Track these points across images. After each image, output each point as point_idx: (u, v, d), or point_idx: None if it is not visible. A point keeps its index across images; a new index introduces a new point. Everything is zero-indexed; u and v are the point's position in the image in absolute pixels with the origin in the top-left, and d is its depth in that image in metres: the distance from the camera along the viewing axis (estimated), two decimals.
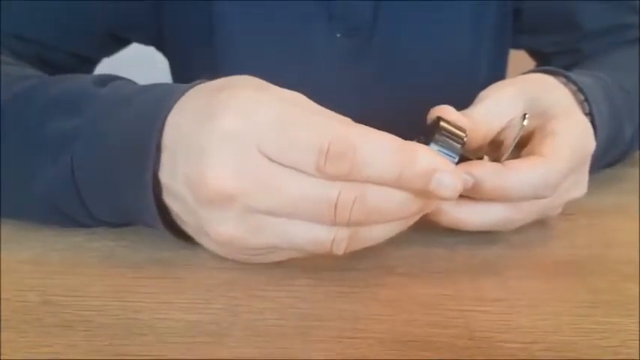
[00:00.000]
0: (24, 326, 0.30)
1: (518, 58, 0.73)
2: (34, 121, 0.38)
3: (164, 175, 0.33)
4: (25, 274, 0.35)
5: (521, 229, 0.40)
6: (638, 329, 0.30)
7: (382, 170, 0.30)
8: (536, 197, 0.37)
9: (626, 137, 0.50)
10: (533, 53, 0.72)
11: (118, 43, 0.64)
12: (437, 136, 0.35)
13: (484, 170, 0.35)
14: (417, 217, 0.34)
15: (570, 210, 0.42)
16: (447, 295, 0.33)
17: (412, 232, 0.40)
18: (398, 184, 0.30)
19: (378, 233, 0.32)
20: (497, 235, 0.39)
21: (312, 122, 0.30)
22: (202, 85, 0.34)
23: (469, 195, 0.36)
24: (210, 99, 0.31)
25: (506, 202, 0.37)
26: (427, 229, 0.40)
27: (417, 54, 0.62)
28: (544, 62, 0.70)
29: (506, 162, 0.36)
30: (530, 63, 0.72)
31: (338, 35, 0.60)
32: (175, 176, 0.32)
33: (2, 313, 0.31)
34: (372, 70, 0.61)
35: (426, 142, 0.35)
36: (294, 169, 0.30)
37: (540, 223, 0.41)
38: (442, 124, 0.36)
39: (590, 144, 0.40)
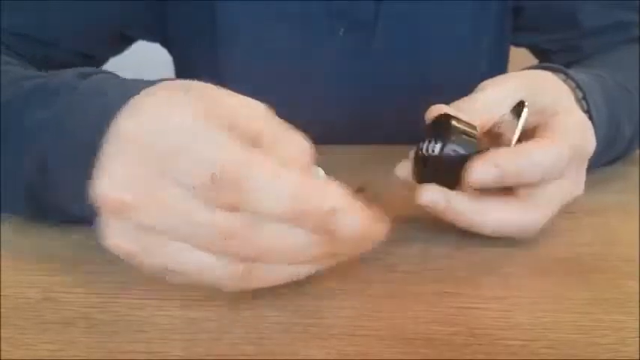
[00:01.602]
0: (24, 323, 0.30)
1: (519, 55, 0.73)
2: (17, 115, 0.38)
3: None
4: (25, 271, 0.35)
5: None
6: (638, 327, 0.30)
7: (274, 205, 0.27)
8: (547, 176, 0.36)
9: (625, 135, 0.50)
10: (534, 51, 0.72)
11: (122, 41, 0.64)
12: (453, 137, 0.36)
13: (508, 157, 0.35)
14: (336, 261, 0.31)
15: (571, 208, 0.42)
16: (448, 293, 0.33)
17: (413, 229, 0.40)
18: (294, 222, 0.27)
19: (280, 273, 0.29)
20: None
21: (211, 141, 0.27)
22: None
23: (497, 184, 0.36)
24: (131, 100, 0.29)
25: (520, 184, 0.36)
26: (428, 226, 0.40)
27: (418, 50, 0.62)
28: (544, 60, 0.70)
29: (517, 146, 0.37)
30: (531, 60, 0.72)
31: (341, 31, 0.60)
32: None
33: (2, 310, 0.31)
34: (374, 66, 0.62)
35: (437, 143, 0.36)
36: (187, 188, 0.27)
37: None
38: (454, 123, 0.36)
39: (590, 144, 0.40)
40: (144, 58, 0.84)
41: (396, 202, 0.37)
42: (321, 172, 0.39)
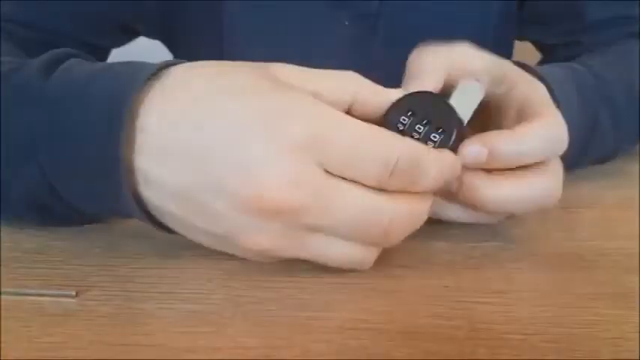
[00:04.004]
0: (25, 315, 0.30)
1: (520, 52, 0.73)
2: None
3: (166, 182, 0.31)
4: (27, 264, 0.35)
5: (523, 222, 0.40)
6: (638, 322, 0.30)
7: (435, 183, 0.31)
8: (551, 153, 0.36)
9: (605, 127, 0.50)
10: (537, 45, 0.72)
11: (124, 33, 0.64)
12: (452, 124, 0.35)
13: (497, 138, 0.35)
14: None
15: (572, 203, 0.42)
16: (449, 287, 0.33)
17: None
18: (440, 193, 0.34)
19: None
20: (498, 228, 0.39)
21: (376, 136, 0.30)
22: (201, 74, 0.32)
23: (487, 166, 0.35)
24: (255, 104, 0.30)
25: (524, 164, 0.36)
26: (429, 221, 0.40)
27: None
28: (547, 54, 0.70)
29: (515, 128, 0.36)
30: (534, 55, 0.72)
31: (345, 23, 0.60)
32: (200, 185, 0.30)
33: (3, 303, 0.31)
34: (379, 58, 0.62)
35: (430, 127, 0.34)
36: (354, 182, 0.30)
37: (542, 216, 0.41)
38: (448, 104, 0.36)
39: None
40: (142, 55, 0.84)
41: None
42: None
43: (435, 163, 0.31)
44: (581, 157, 0.47)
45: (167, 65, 0.33)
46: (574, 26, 0.65)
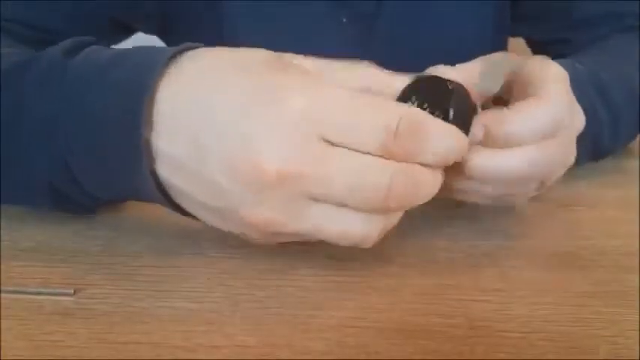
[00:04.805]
0: (24, 314, 0.30)
1: (514, 50, 0.73)
2: (15, 102, 0.36)
3: (173, 156, 0.31)
4: (26, 262, 0.35)
5: (522, 221, 0.40)
6: (637, 320, 0.30)
7: (444, 147, 0.30)
8: (547, 134, 0.35)
9: (602, 121, 0.49)
10: (531, 42, 0.72)
11: (122, 30, 0.64)
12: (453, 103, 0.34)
13: (491, 117, 0.35)
14: None
15: (572, 202, 0.42)
16: (447, 285, 0.33)
17: (413, 222, 0.40)
18: (447, 162, 0.31)
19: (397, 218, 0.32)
20: (497, 226, 0.39)
21: (375, 103, 0.30)
22: (210, 61, 0.33)
23: (483, 145, 0.34)
24: (255, 81, 0.31)
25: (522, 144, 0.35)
26: (427, 220, 0.40)
27: (421, 40, 0.62)
28: (541, 52, 0.70)
29: (511, 106, 0.35)
30: (526, 54, 0.72)
31: (343, 20, 0.60)
32: (202, 158, 0.30)
33: (3, 302, 0.31)
34: (378, 56, 0.61)
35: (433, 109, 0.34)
36: (355, 150, 0.29)
37: (541, 215, 0.41)
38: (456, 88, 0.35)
39: (564, 72, 0.38)
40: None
41: None
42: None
43: (437, 128, 0.30)
44: (579, 153, 0.46)
45: (186, 49, 0.34)
46: (564, 23, 0.65)
